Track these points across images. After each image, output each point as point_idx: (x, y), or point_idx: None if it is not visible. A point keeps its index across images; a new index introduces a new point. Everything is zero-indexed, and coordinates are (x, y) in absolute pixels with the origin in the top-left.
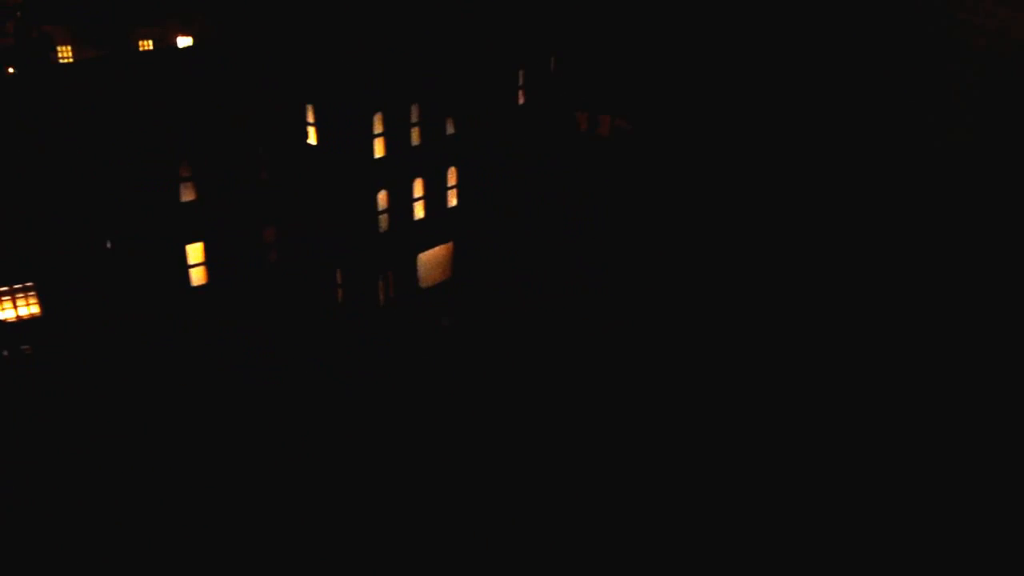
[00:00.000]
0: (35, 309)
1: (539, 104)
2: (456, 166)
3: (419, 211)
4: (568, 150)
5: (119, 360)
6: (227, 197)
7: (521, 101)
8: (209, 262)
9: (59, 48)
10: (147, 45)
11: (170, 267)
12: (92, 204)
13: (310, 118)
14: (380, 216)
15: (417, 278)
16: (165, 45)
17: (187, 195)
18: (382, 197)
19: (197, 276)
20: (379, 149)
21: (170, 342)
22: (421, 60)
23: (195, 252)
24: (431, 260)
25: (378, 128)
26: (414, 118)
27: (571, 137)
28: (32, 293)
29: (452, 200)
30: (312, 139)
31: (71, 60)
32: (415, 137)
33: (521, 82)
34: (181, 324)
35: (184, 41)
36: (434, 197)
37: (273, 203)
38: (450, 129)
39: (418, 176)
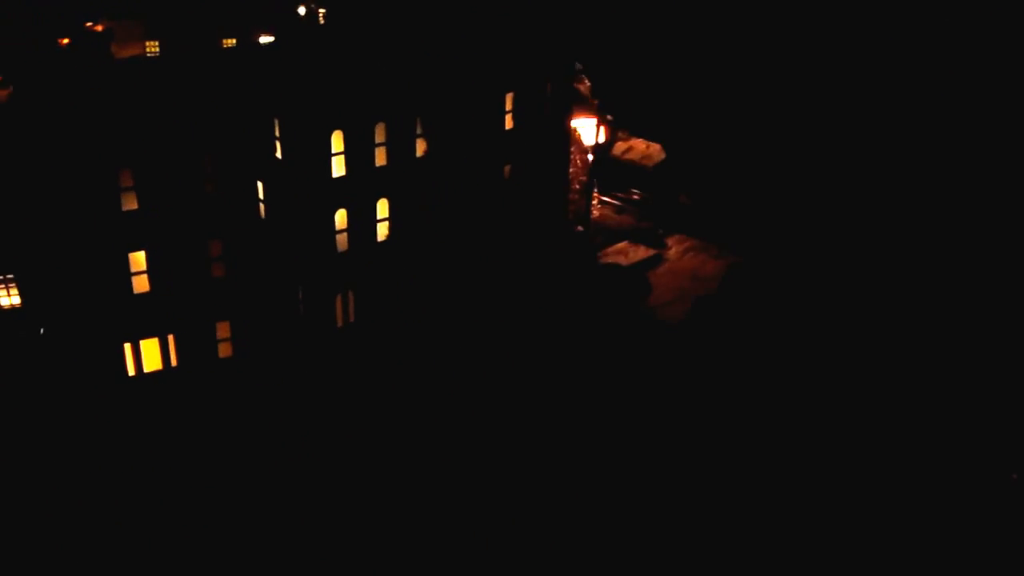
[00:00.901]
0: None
1: (532, 129)
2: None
3: (383, 232)
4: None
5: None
6: (169, 208)
7: (509, 126)
8: (151, 271)
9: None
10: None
11: (113, 273)
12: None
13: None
14: (338, 236)
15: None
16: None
17: (129, 204)
18: (340, 216)
19: (140, 284)
20: (339, 168)
21: (117, 345)
22: (389, 77)
23: (138, 260)
24: None
25: (338, 147)
26: (379, 138)
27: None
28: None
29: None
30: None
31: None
32: (380, 158)
33: (510, 106)
34: (124, 330)
35: None
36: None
37: (219, 216)
38: (420, 151)
39: (383, 197)
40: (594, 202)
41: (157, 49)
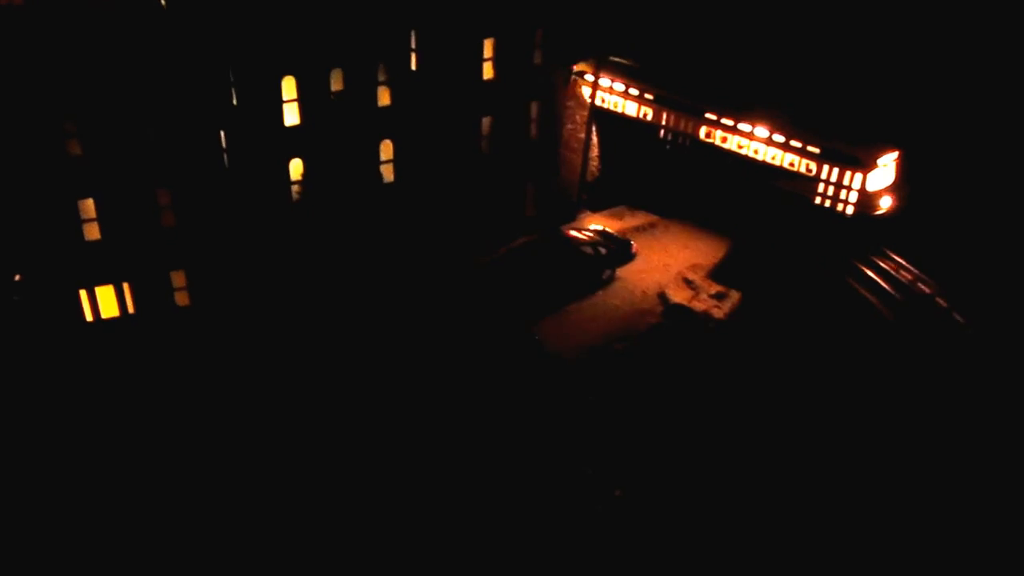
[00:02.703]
0: None
1: (518, 81)
2: (392, 139)
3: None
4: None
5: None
6: (115, 155)
7: (489, 76)
8: (101, 218)
9: None
10: None
11: (63, 219)
12: None
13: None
14: (292, 186)
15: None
16: None
17: (74, 150)
18: (295, 166)
19: (92, 232)
20: (293, 116)
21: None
22: (343, 17)
23: (88, 208)
24: None
25: (290, 94)
26: (336, 85)
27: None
28: None
29: (388, 176)
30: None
31: None
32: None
33: (489, 53)
34: (78, 276)
35: None
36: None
37: (167, 165)
38: (384, 100)
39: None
40: None
41: None
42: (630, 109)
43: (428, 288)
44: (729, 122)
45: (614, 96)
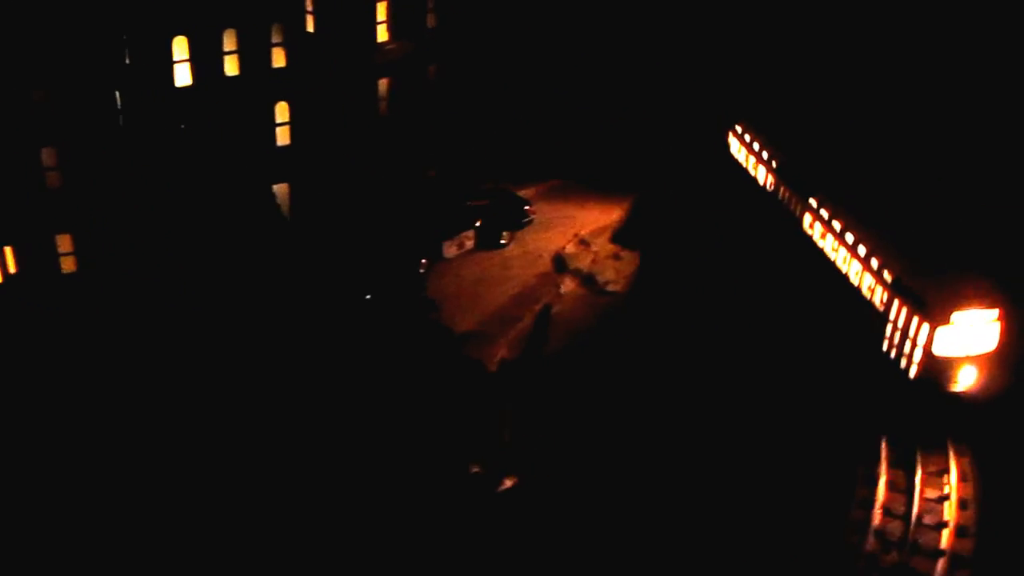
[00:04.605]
0: None
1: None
2: (288, 101)
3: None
4: None
5: None
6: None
7: (384, 39)
8: None
9: None
10: None
11: None
12: None
13: None
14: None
15: None
16: None
17: None
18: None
19: None
20: (184, 77)
21: None
22: None
23: None
24: None
25: (181, 54)
26: (229, 46)
27: None
28: None
29: (283, 138)
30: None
31: None
32: (231, 67)
33: (384, 17)
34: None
35: None
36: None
37: (49, 123)
38: (279, 62)
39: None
40: None
41: None
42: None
43: (322, 247)
44: (825, 214)
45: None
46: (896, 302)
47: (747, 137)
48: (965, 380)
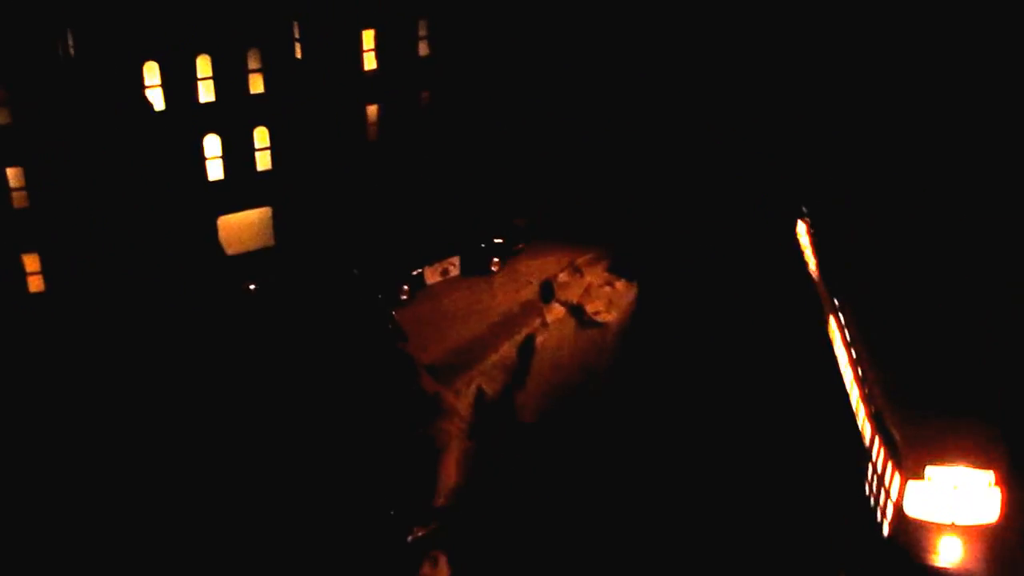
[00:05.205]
0: None
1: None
2: (267, 126)
3: (215, 171)
4: None
5: None
6: None
7: (372, 67)
8: None
9: None
10: None
11: None
12: None
13: None
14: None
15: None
16: None
17: None
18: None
19: None
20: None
21: None
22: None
23: None
24: (239, 224)
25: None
26: (203, 72)
27: None
28: None
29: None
30: None
31: None
32: (207, 92)
33: (372, 45)
34: None
35: None
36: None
37: (16, 142)
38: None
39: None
40: None
41: None
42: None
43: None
44: (842, 319)
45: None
46: (876, 440)
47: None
48: (947, 554)
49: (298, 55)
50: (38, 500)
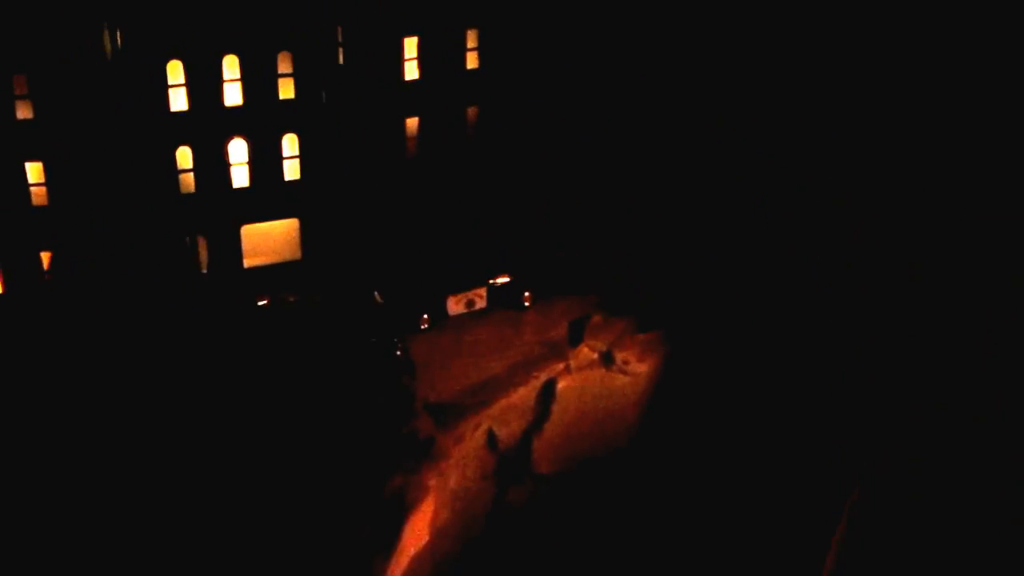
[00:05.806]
0: None
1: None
2: (297, 133)
3: (240, 178)
4: None
5: None
6: None
7: (415, 77)
8: None
9: None
10: None
11: None
12: None
13: None
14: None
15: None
16: None
17: None
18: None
19: None
20: (180, 102)
21: None
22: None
23: None
24: (263, 234)
25: (176, 79)
26: (230, 74)
27: None
28: None
29: (292, 172)
30: None
31: None
32: (235, 95)
33: (414, 53)
34: None
35: None
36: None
37: (36, 140)
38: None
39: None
40: None
41: None
42: None
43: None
44: None
45: None
46: None
47: None
48: None
49: (340, 60)
50: (39, 500)
